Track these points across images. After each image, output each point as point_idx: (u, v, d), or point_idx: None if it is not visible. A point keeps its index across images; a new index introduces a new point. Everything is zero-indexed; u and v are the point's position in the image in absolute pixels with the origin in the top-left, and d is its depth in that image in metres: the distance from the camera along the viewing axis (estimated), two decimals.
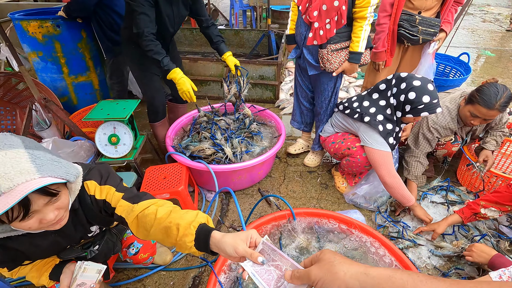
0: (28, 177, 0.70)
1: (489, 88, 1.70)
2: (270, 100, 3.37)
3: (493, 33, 5.88)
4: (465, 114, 1.82)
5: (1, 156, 0.70)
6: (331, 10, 1.67)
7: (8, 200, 0.67)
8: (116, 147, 1.97)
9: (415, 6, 2.01)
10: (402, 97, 1.62)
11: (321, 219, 1.53)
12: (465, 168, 2.12)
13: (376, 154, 1.72)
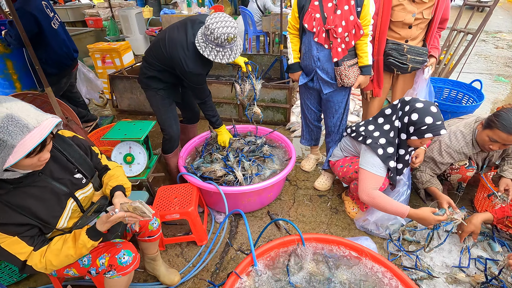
0: (44, 116, 0.93)
1: (507, 113, 1.70)
2: (281, 122, 3.42)
3: (507, 59, 5.85)
4: (483, 139, 1.80)
5: (13, 105, 0.91)
6: (349, 24, 1.84)
7: (42, 131, 0.90)
8: (130, 166, 2.03)
9: (401, 36, 2.06)
10: (406, 118, 1.65)
11: (331, 245, 1.51)
12: (482, 196, 2.07)
13: (361, 172, 1.74)
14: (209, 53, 1.74)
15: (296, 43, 2.07)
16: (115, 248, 1.29)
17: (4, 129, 0.86)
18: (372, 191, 1.68)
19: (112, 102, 3.85)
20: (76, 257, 1.11)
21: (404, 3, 1.95)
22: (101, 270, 1.25)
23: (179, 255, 1.86)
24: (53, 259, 1.07)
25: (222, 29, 1.65)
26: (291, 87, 3.20)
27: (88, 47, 3.84)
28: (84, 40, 5.97)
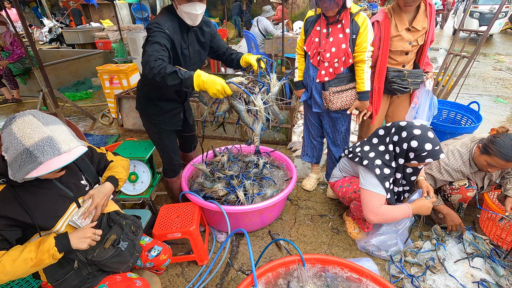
0: (75, 143, 1.08)
1: (504, 140, 1.73)
2: (283, 142, 3.47)
3: (505, 81, 5.95)
4: (481, 163, 1.83)
5: (55, 128, 1.06)
6: (339, 51, 1.95)
7: (68, 157, 1.04)
8: (134, 185, 2.07)
9: (399, 62, 2.16)
10: (405, 145, 1.68)
11: (333, 266, 1.50)
12: (486, 217, 2.07)
13: (364, 193, 1.76)
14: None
15: (302, 62, 2.22)
16: (135, 285, 1.31)
17: (40, 148, 1.00)
18: (379, 209, 1.71)
19: (118, 121, 3.95)
20: (36, 261, 1.03)
21: (402, 33, 2.06)
22: None
23: (180, 275, 1.86)
24: (8, 263, 1.00)
25: None
26: (292, 107, 3.28)
27: (97, 69, 3.99)
28: (93, 61, 6.21)
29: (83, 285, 1.26)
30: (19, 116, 1.04)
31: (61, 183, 1.22)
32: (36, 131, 1.01)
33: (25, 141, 0.99)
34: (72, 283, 1.22)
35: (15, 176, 1.01)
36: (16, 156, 0.99)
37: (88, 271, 1.26)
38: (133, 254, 1.36)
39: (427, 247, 1.95)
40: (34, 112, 1.07)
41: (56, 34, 8.76)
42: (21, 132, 1.00)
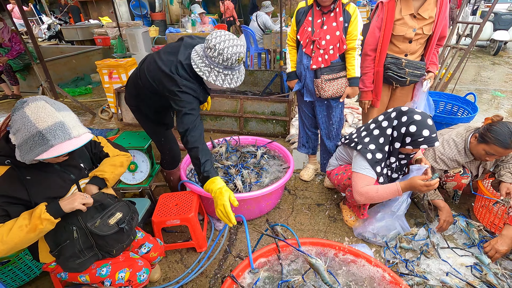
0: (84, 130, 1.13)
1: (501, 128, 1.76)
2: (281, 134, 3.50)
3: (504, 75, 5.97)
4: (479, 152, 1.86)
5: (66, 114, 1.11)
6: (334, 38, 2.01)
7: (78, 142, 1.09)
8: (133, 174, 2.10)
9: (401, 50, 2.15)
10: (403, 129, 1.71)
11: (327, 248, 1.54)
12: (480, 205, 2.10)
13: (354, 175, 1.82)
14: (215, 78, 1.49)
15: (293, 53, 2.25)
16: (137, 265, 1.37)
17: (53, 131, 1.04)
18: (362, 188, 1.75)
19: (117, 116, 3.97)
20: (31, 227, 1.07)
21: (406, 18, 2.06)
22: (118, 283, 1.32)
23: (179, 261, 1.89)
24: (5, 232, 1.04)
25: (232, 48, 1.42)
26: (290, 100, 3.31)
27: (96, 63, 4.01)
28: (92, 57, 6.22)
29: (75, 260, 1.26)
30: (32, 101, 1.07)
31: (60, 166, 1.26)
32: (50, 116, 1.05)
33: (39, 124, 1.02)
34: (65, 253, 1.24)
35: (24, 158, 1.05)
36: (28, 138, 1.02)
37: (80, 247, 1.26)
38: (129, 236, 1.39)
39: (422, 233, 1.98)
40: (45, 98, 1.10)
41: (55, 31, 8.76)
42: (35, 116, 1.03)
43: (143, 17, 10.70)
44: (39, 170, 1.19)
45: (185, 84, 1.53)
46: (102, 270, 1.33)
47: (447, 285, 1.60)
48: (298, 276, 1.36)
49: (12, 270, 1.65)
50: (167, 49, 1.67)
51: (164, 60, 1.60)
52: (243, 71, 1.59)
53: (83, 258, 1.29)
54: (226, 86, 1.52)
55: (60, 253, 1.26)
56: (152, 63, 1.65)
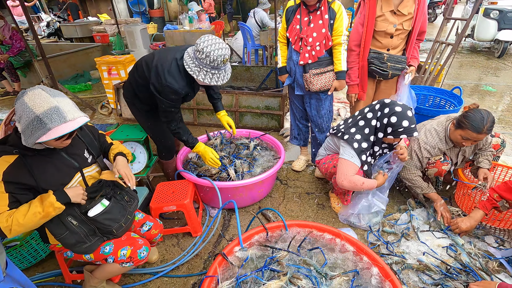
0: (79, 114, 1.21)
1: (475, 114, 1.88)
2: (275, 128, 3.61)
3: (496, 70, 6.07)
4: (456, 137, 1.99)
5: (61, 100, 1.20)
6: (320, 35, 2.12)
7: (73, 125, 1.17)
8: (132, 165, 2.22)
9: (383, 45, 2.28)
10: (385, 120, 1.84)
11: (312, 230, 1.66)
12: (462, 193, 2.22)
13: (341, 162, 1.94)
14: (204, 76, 1.71)
15: (284, 50, 2.38)
16: (138, 243, 1.51)
17: (49, 115, 1.13)
18: (352, 177, 1.89)
19: (117, 111, 4.08)
20: (44, 214, 1.21)
21: (386, 14, 2.18)
22: (120, 259, 1.45)
23: (175, 245, 2.02)
24: (20, 217, 1.17)
25: (218, 51, 1.64)
26: (284, 95, 3.42)
27: (95, 60, 4.11)
28: (92, 54, 6.32)
29: (82, 245, 1.39)
30: (30, 90, 1.18)
31: (67, 154, 1.37)
32: (45, 101, 1.15)
33: (36, 110, 1.13)
34: (69, 241, 1.37)
35: (27, 141, 1.16)
36: (28, 123, 1.13)
37: (85, 232, 1.39)
38: (125, 215, 1.49)
39: (404, 218, 2.11)
40: (42, 87, 1.21)
41: (54, 28, 8.83)
42: (32, 102, 1.14)
43: (141, 14, 10.76)
44: (45, 158, 1.30)
45: (168, 84, 1.73)
46: (105, 248, 1.45)
47: (423, 263, 1.73)
48: (283, 252, 1.49)
49: (20, 252, 1.78)
50: (168, 48, 1.90)
51: (161, 54, 1.81)
52: (229, 70, 1.80)
53: (90, 243, 1.41)
54: (214, 83, 1.74)
55: (63, 242, 1.38)
56: (150, 55, 1.87)
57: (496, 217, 2.00)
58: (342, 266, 1.48)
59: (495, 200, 1.76)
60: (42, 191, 1.28)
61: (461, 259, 1.75)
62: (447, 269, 1.70)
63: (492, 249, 1.82)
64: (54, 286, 1.76)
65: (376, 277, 1.40)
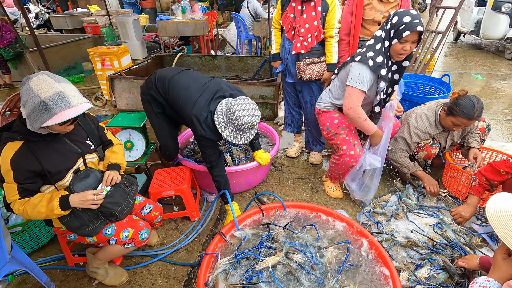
0: (83, 100, 1.25)
1: (466, 101, 1.95)
2: (269, 117, 3.67)
3: (485, 59, 6.18)
4: (447, 123, 2.07)
5: (66, 85, 1.23)
6: (312, 27, 2.17)
7: (78, 110, 1.21)
8: (130, 152, 2.26)
9: (372, 32, 2.32)
10: (388, 25, 1.75)
11: (306, 210, 1.74)
12: (449, 176, 2.32)
13: (348, 89, 1.85)
14: (228, 134, 1.75)
15: (278, 36, 2.43)
16: (139, 225, 1.57)
17: (54, 100, 1.17)
18: (359, 108, 1.85)
19: (111, 103, 4.08)
20: (46, 216, 1.30)
21: (373, 2, 2.23)
22: (122, 241, 1.51)
23: (174, 229, 2.08)
24: (29, 210, 1.28)
25: (248, 117, 1.68)
26: (278, 84, 3.46)
27: (88, 51, 4.09)
28: (83, 46, 6.24)
29: (86, 228, 1.45)
30: (35, 75, 1.21)
31: (70, 140, 1.41)
32: (50, 87, 1.18)
33: (42, 95, 1.16)
34: (73, 225, 1.42)
35: (33, 126, 1.19)
36: (34, 107, 1.16)
37: (88, 216, 1.45)
38: (126, 199, 1.54)
39: (393, 200, 2.21)
40: (46, 72, 1.24)
41: (43, 20, 8.65)
42: (38, 87, 1.17)
43: (132, 5, 10.58)
44: (49, 143, 1.33)
45: (208, 135, 1.80)
46: (107, 230, 1.51)
47: (411, 240, 1.82)
48: (279, 229, 1.56)
49: (22, 237, 1.82)
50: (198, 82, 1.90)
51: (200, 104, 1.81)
52: (254, 132, 1.84)
53: (93, 226, 1.47)
54: (235, 142, 1.78)
55: (67, 225, 1.43)
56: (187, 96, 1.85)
57: None
58: (334, 240, 1.57)
59: (486, 184, 1.85)
60: (49, 174, 1.32)
61: (447, 235, 1.85)
62: (433, 245, 1.80)
63: (475, 226, 1.93)
64: (57, 270, 1.81)
65: (365, 250, 1.49)
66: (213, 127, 1.79)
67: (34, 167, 1.28)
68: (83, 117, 1.52)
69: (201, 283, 1.32)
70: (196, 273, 1.75)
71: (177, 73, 1.97)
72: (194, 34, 5.67)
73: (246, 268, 1.40)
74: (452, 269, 1.63)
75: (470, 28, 6.70)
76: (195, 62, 5.00)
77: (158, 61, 4.95)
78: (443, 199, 2.19)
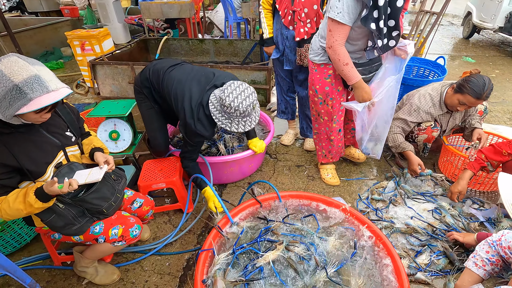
0: (62, 84, 1.11)
1: (478, 80, 1.90)
2: (262, 103, 3.55)
3: (476, 41, 6.19)
4: (453, 101, 2.02)
5: (41, 68, 1.08)
6: (311, 12, 2.01)
7: (57, 96, 1.07)
8: (116, 143, 2.12)
9: None
10: None
11: (303, 200, 1.68)
12: (445, 159, 2.30)
13: (328, 22, 1.58)
14: (237, 126, 1.66)
15: (269, 18, 2.24)
16: (129, 222, 1.45)
17: (29, 84, 1.02)
18: (339, 47, 1.61)
19: (94, 90, 3.86)
20: (27, 212, 1.16)
21: None
22: (112, 239, 1.40)
23: (167, 222, 1.99)
24: (7, 209, 1.14)
25: (245, 101, 1.58)
26: (269, 68, 3.33)
27: (66, 34, 3.80)
28: (61, 29, 5.85)
29: (71, 227, 1.33)
30: (4, 57, 1.05)
31: (47, 132, 1.27)
32: (24, 69, 1.03)
33: (14, 78, 1.01)
34: (57, 224, 1.30)
35: (5, 114, 1.04)
36: (6, 93, 1.01)
37: (73, 214, 1.33)
38: (114, 193, 1.43)
39: (391, 186, 2.17)
40: (17, 54, 1.08)
41: (15, 1, 8.07)
42: (9, 70, 1.01)
43: None
44: (24, 135, 1.19)
45: (199, 130, 1.70)
46: (95, 228, 1.40)
47: (411, 226, 1.80)
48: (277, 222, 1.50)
49: (3, 237, 1.69)
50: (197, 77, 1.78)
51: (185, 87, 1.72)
52: (258, 110, 1.74)
53: (79, 224, 1.35)
54: (247, 129, 1.68)
55: (50, 225, 1.31)
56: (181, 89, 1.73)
57: (476, 181, 2.09)
58: (335, 230, 1.52)
59: (482, 160, 1.82)
60: (27, 172, 1.19)
61: (446, 221, 1.83)
62: (433, 231, 1.78)
63: (473, 211, 1.92)
64: (42, 270, 1.70)
65: (367, 239, 1.45)
66: (206, 122, 1.69)
67: (8, 162, 1.14)
68: (62, 106, 1.37)
69: (198, 281, 1.24)
70: (192, 269, 1.68)
71: (172, 66, 1.86)
72: (179, 16, 5.39)
73: (245, 263, 1.34)
74: (452, 255, 1.61)
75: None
76: (182, 46, 4.77)
77: (143, 45, 4.70)
78: (440, 183, 2.17)
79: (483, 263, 1.30)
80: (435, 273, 1.57)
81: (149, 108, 1.95)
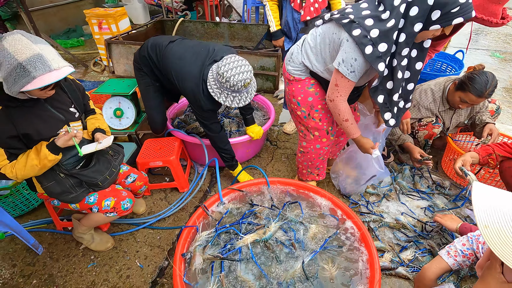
0: (64, 63, 1.16)
1: (480, 76, 1.81)
2: (270, 90, 3.53)
3: (508, 36, 5.76)
4: (454, 98, 1.94)
5: (44, 47, 1.13)
6: None
7: (59, 74, 1.13)
8: (120, 120, 2.21)
9: None
10: (431, 1, 1.15)
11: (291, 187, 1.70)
12: (448, 158, 2.23)
13: (335, 76, 1.42)
14: (225, 99, 1.67)
15: (275, 10, 2.21)
16: (121, 195, 1.55)
17: (32, 63, 1.08)
18: (341, 103, 1.48)
19: (109, 68, 3.98)
20: (41, 167, 1.27)
21: None
22: (104, 209, 1.50)
23: (163, 199, 2.08)
24: (21, 169, 1.25)
25: (238, 76, 1.58)
26: (279, 55, 3.29)
27: (85, 12, 3.92)
28: (83, 7, 5.97)
29: (68, 195, 1.44)
30: (9, 34, 1.11)
31: (52, 107, 1.34)
32: (27, 48, 1.09)
33: (18, 56, 1.07)
34: (55, 190, 1.41)
35: (11, 90, 1.11)
36: (11, 70, 1.08)
37: (71, 183, 1.44)
38: (109, 168, 1.52)
39: (386, 181, 2.14)
40: (21, 32, 1.14)
41: None
42: (13, 48, 1.08)
43: None
44: (30, 109, 1.27)
45: (207, 106, 1.75)
46: (90, 198, 1.50)
47: (400, 222, 1.79)
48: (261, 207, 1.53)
49: (12, 200, 1.84)
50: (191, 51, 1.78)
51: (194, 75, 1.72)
52: (252, 91, 1.73)
53: (75, 193, 1.45)
54: (235, 105, 1.70)
55: (48, 191, 1.42)
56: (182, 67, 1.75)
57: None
58: (319, 219, 1.54)
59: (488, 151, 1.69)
60: (34, 142, 1.28)
61: None
62: (423, 228, 1.76)
63: (469, 212, 1.87)
64: (46, 233, 1.84)
65: (350, 231, 1.46)
66: (209, 96, 1.72)
67: (17, 132, 1.23)
68: (68, 82, 1.44)
69: (178, 254, 1.32)
70: None
71: (171, 42, 1.85)
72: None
73: (225, 242, 1.39)
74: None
75: None
76: (197, 29, 4.77)
77: (159, 26, 4.74)
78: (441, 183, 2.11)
79: (456, 253, 1.30)
80: (418, 269, 1.56)
81: (147, 85, 1.98)
